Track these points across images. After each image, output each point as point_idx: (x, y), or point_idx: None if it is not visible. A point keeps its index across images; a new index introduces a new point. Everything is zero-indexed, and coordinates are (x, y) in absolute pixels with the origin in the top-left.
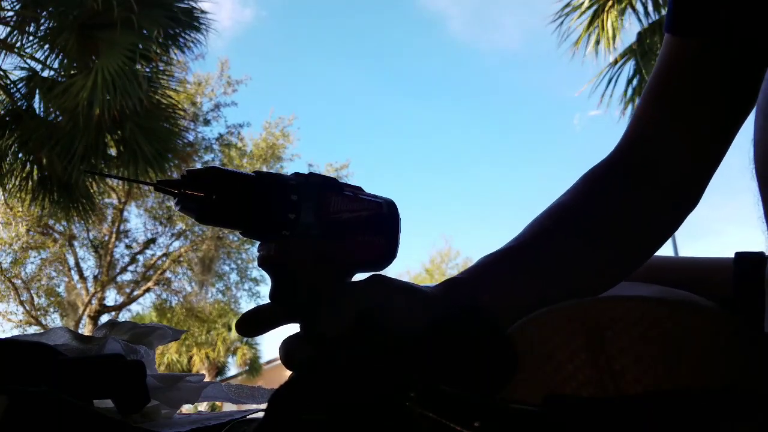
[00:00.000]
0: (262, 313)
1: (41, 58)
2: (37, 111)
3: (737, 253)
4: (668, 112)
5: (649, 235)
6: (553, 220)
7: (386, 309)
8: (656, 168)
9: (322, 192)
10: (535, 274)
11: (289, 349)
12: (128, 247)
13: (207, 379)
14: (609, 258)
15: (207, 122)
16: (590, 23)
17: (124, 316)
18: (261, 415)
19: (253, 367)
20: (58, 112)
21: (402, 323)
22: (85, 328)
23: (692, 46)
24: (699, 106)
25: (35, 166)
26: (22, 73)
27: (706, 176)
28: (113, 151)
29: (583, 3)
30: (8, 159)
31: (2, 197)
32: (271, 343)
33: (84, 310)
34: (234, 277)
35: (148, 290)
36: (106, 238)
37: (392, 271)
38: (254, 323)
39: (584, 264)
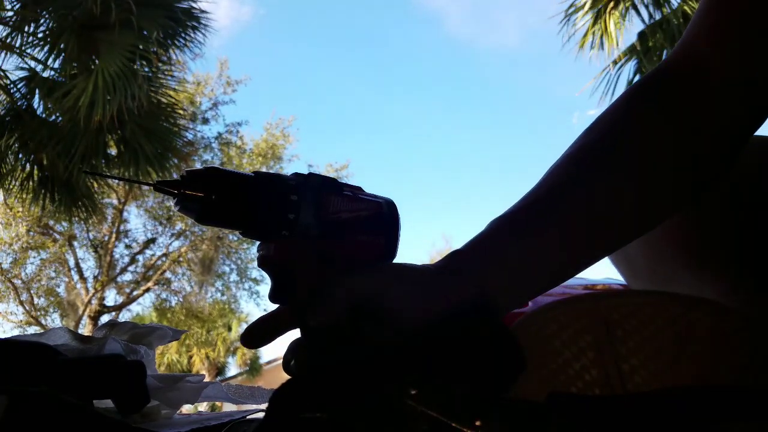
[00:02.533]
0: (266, 323)
1: (41, 59)
2: (38, 111)
3: None
4: (728, 15)
5: (698, 165)
6: (577, 159)
7: (381, 298)
8: (708, 78)
9: (322, 192)
10: (551, 238)
11: (286, 357)
12: (128, 247)
13: (207, 379)
14: (650, 198)
15: (206, 121)
16: (593, 23)
17: (124, 316)
18: (261, 415)
19: (253, 367)
20: (58, 113)
21: (399, 311)
22: (85, 328)
23: None
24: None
25: (36, 167)
26: (23, 73)
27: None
28: (114, 151)
29: (585, 3)
30: (8, 159)
31: (2, 197)
32: (271, 343)
33: (84, 311)
34: (234, 277)
35: (148, 290)
36: (106, 238)
37: None
38: (259, 334)
39: (620, 209)
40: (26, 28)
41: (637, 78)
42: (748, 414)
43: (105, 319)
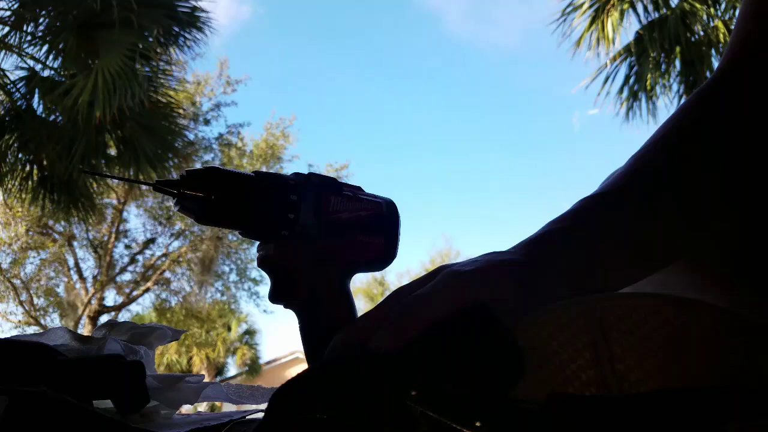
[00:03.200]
0: None
1: (41, 58)
2: (37, 111)
3: None
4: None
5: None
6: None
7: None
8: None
9: (322, 192)
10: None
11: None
12: (128, 247)
13: (207, 379)
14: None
15: (207, 122)
16: (591, 22)
17: (123, 316)
18: (261, 415)
19: (253, 367)
20: (58, 112)
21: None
22: (85, 329)
23: None
24: None
25: (35, 166)
26: (22, 73)
27: None
28: (113, 151)
29: (584, 3)
30: (8, 159)
31: (2, 197)
32: (271, 344)
33: (83, 311)
34: (233, 277)
35: (147, 290)
36: (106, 238)
37: (392, 271)
38: None
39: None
40: (25, 27)
41: (633, 77)
42: (746, 414)
43: (104, 319)
